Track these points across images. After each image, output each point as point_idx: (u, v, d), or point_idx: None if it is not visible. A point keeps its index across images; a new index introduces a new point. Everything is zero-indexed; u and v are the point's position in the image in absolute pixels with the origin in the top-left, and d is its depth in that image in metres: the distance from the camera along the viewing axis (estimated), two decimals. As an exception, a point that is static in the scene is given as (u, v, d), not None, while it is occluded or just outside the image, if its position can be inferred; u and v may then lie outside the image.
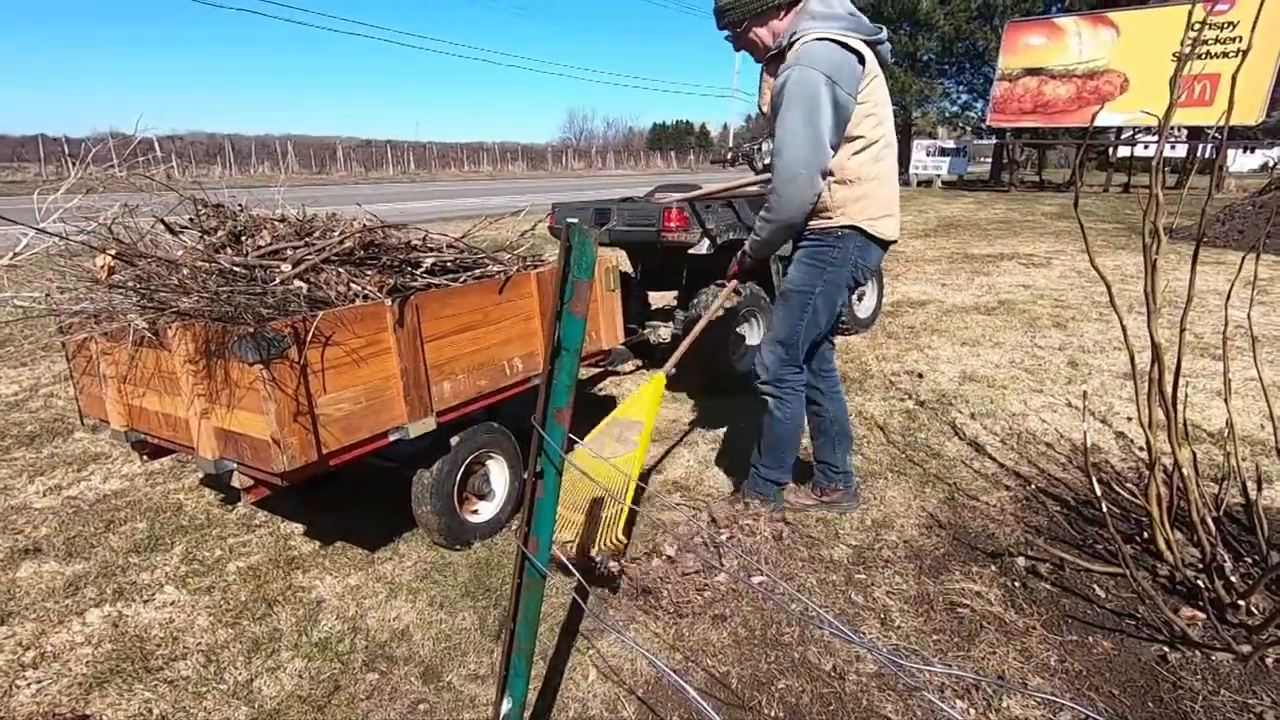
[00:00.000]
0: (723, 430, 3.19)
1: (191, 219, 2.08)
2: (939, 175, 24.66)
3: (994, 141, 23.90)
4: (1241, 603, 1.84)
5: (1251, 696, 1.60)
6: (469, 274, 2.27)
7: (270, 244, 1.95)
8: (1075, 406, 3.40)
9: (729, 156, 3.14)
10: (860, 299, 4.85)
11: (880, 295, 5.15)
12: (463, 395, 2.12)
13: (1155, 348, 1.85)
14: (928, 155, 25.49)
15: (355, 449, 1.87)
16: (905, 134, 28.11)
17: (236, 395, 1.69)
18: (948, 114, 27.85)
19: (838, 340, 2.37)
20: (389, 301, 1.85)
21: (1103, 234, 9.94)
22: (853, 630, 1.79)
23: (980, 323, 5.14)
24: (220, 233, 2.00)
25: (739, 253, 2.33)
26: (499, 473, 2.37)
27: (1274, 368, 3.73)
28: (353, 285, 1.93)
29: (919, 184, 24.46)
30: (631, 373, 4.09)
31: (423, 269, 2.18)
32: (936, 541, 2.23)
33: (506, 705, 1.05)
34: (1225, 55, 17.21)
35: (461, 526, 2.22)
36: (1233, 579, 1.95)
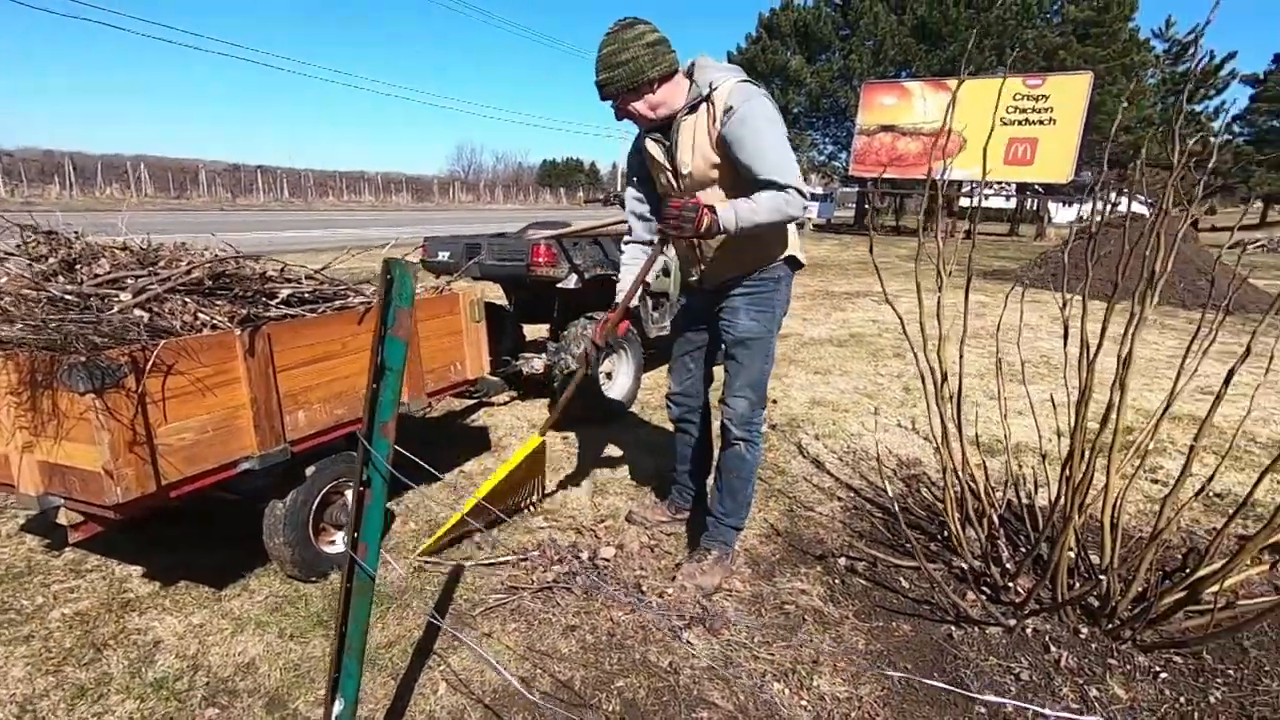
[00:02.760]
0: (588, 459, 3.33)
1: (19, 245, 1.99)
2: (810, 218, 26.55)
3: (856, 189, 26.13)
4: (1011, 584, 2.19)
5: (1014, 661, 1.91)
6: (329, 305, 2.30)
7: (109, 272, 1.91)
8: (904, 426, 3.83)
9: (602, 198, 3.36)
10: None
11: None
12: (319, 424, 2.14)
13: (933, 373, 2.19)
14: (799, 199, 27.35)
15: (200, 480, 1.84)
16: (779, 179, 30.01)
17: (65, 427, 1.64)
18: (816, 162, 30.16)
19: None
20: (238, 331, 1.86)
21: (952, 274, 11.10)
22: (646, 602, 1.96)
23: (833, 354, 5.64)
24: (51, 260, 1.93)
25: (711, 217, 1.91)
26: (358, 502, 2.37)
27: (1063, 389, 4.38)
28: (200, 315, 1.93)
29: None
30: (506, 404, 4.16)
31: (278, 300, 2.20)
32: (773, 549, 2.47)
33: (338, 707, 1.11)
34: (1040, 123, 19.88)
35: (317, 558, 2.21)
36: (1008, 566, 2.31)
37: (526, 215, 26.01)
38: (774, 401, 4.25)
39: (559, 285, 3.62)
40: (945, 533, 2.54)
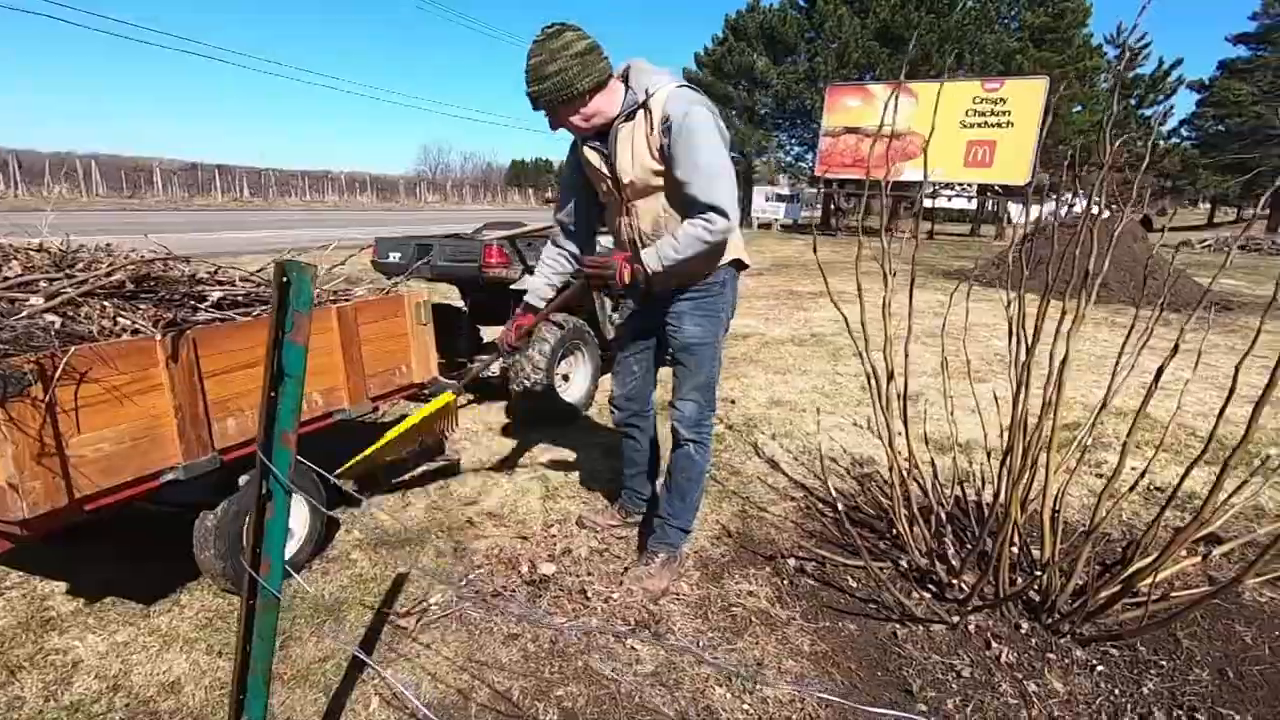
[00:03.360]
0: (542, 461, 3.28)
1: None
2: (777, 219, 26.82)
3: (822, 191, 26.43)
4: (956, 581, 2.21)
5: (955, 658, 1.93)
6: (264, 308, 2.23)
7: (20, 275, 1.81)
8: (860, 426, 3.86)
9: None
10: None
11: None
12: (251, 432, 2.06)
13: (875, 372, 2.20)
14: (766, 200, 27.66)
15: (119, 492, 1.76)
16: (746, 181, 30.29)
17: (-33, 439, 1.54)
18: (783, 164, 30.46)
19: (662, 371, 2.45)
20: (159, 336, 1.78)
21: (903, 274, 11.28)
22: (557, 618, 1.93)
23: (793, 353, 5.67)
24: (-43, 263, 1.83)
25: (633, 266, 1.97)
26: (297, 511, 2.30)
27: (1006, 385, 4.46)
28: (120, 319, 1.84)
29: (759, 226, 26.40)
30: (462, 406, 4.09)
31: (208, 303, 2.12)
32: (723, 550, 2.46)
33: (244, 729, 1.06)
34: (999, 126, 20.33)
35: (252, 569, 2.13)
36: (954, 562, 2.33)
37: (494, 217, 25.79)
38: (732, 402, 4.25)
39: (513, 286, 3.57)
40: (894, 531, 2.55)
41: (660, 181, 1.99)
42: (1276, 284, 1.63)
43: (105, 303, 1.86)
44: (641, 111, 1.93)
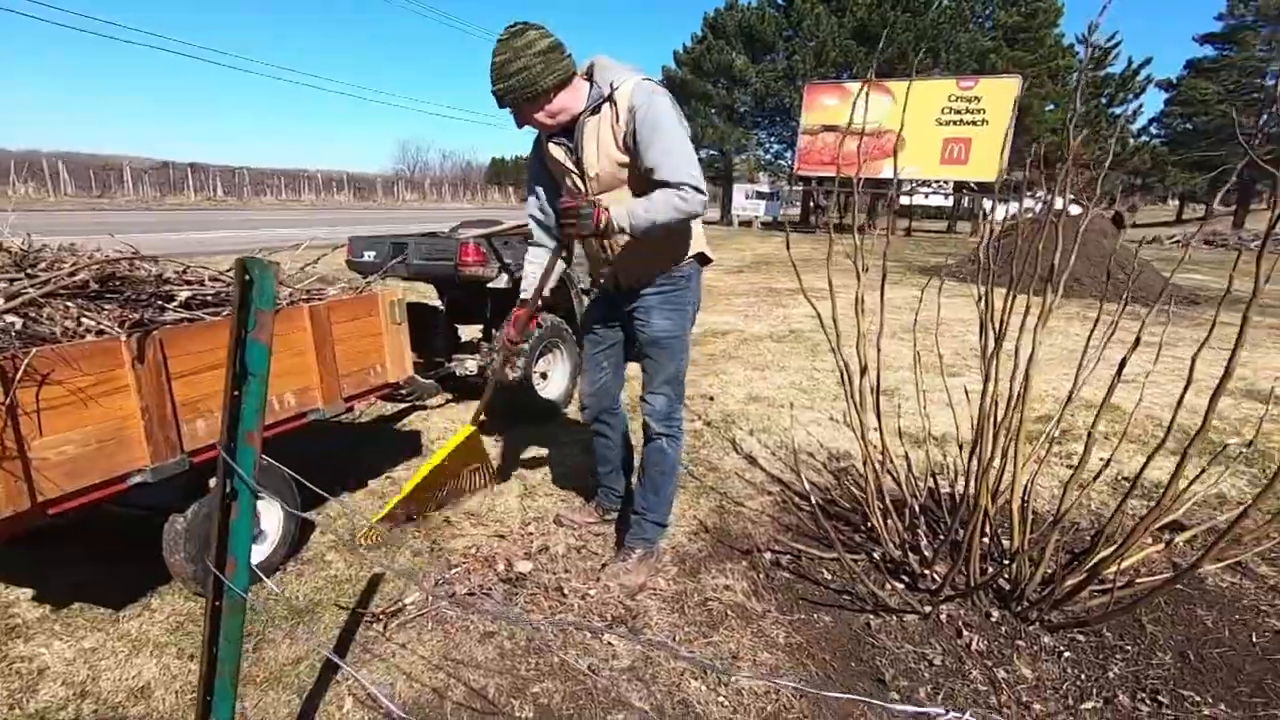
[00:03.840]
0: (520, 458, 3.28)
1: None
2: (758, 217, 26.92)
3: (801, 188, 26.59)
4: (928, 571, 2.25)
5: (928, 647, 1.96)
6: (234, 308, 2.20)
7: (-21, 276, 1.78)
8: (836, 420, 3.90)
9: None
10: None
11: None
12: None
13: (847, 367, 2.23)
14: (746, 198, 27.77)
15: (84, 495, 1.73)
16: (726, 178, 30.41)
17: (-76, 443, 1.51)
18: (763, 161, 30.59)
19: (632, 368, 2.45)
20: (124, 336, 1.76)
21: (876, 270, 11.40)
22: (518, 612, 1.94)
23: (772, 349, 5.71)
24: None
25: (607, 214, 1.90)
26: (269, 513, 2.28)
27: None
28: (84, 320, 1.81)
29: (740, 224, 26.51)
30: (439, 406, 4.07)
31: (176, 303, 2.09)
32: (700, 545, 2.47)
33: (212, 731, 1.05)
34: (974, 124, 20.61)
35: (224, 572, 2.10)
36: (926, 553, 2.36)
37: (473, 216, 25.60)
38: (710, 398, 4.27)
39: (490, 285, 3.56)
40: (869, 523, 2.59)
41: (626, 175, 2.01)
42: (1230, 278, 1.68)
43: (68, 303, 1.82)
44: (607, 105, 1.95)
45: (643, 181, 1.97)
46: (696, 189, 1.91)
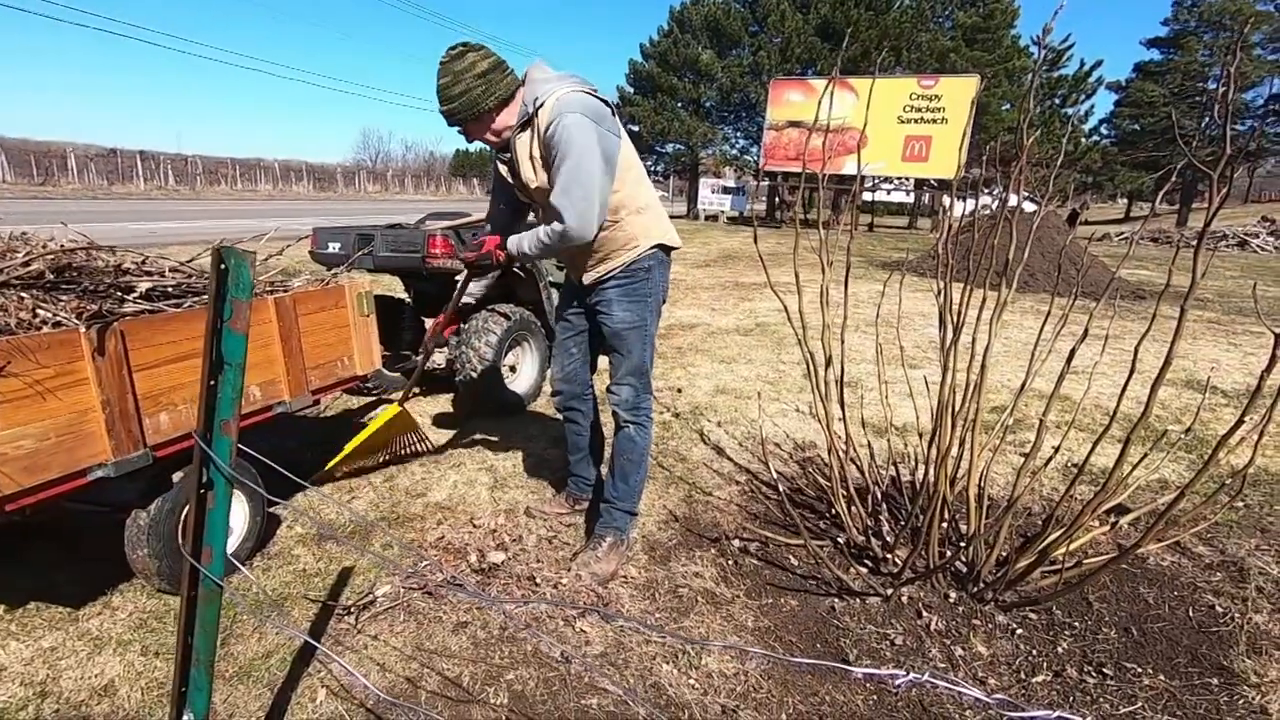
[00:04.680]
0: (489, 453, 3.28)
1: None
2: (723, 211, 27.08)
3: (767, 183, 26.82)
4: (889, 556, 2.33)
5: (889, 628, 2.03)
6: (196, 299, 2.16)
7: (-74, 265, 1.71)
8: (802, 411, 3.98)
9: None
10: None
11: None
12: (185, 426, 2.00)
13: (813, 358, 2.29)
14: (712, 193, 27.90)
15: (43, 491, 1.69)
16: (692, 172, 30.51)
17: (-128, 438, 1.46)
18: (729, 156, 30.76)
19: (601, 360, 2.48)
20: (83, 328, 1.71)
21: (840, 265, 11.60)
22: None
23: (739, 343, 5.78)
24: None
25: (504, 252, 2.21)
26: (236, 508, 2.25)
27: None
28: (40, 311, 1.76)
29: (706, 218, 26.64)
30: (410, 399, 4.03)
31: (136, 294, 2.04)
32: (670, 534, 2.51)
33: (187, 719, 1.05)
34: (934, 122, 21.05)
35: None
36: (888, 538, 2.45)
37: (438, 207, 25.25)
38: (679, 390, 4.32)
39: (458, 278, 3.54)
40: (834, 510, 2.66)
41: None
42: (1169, 273, 1.77)
43: (23, 294, 1.77)
44: (534, 121, 1.99)
45: None
46: (563, 220, 1.96)
